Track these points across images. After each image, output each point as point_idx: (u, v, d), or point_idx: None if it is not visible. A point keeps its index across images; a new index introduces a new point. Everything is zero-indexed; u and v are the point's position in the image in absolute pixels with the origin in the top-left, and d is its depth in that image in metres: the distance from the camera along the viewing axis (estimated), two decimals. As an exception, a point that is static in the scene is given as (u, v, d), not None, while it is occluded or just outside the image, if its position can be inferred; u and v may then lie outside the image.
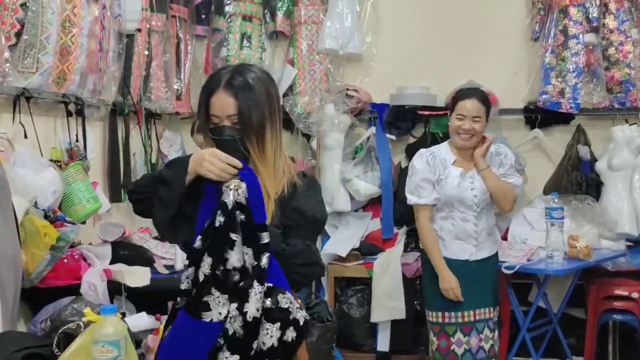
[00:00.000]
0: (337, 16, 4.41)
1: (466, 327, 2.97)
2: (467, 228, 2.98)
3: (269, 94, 1.74)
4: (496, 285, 3.12)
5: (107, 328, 1.46)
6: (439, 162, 2.99)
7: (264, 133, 1.71)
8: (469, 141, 2.97)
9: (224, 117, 1.69)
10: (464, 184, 2.96)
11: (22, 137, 2.93)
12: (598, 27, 4.10)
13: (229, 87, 1.69)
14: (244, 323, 1.56)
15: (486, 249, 3.03)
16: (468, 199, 2.95)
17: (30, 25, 2.85)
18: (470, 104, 2.96)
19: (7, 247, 2.41)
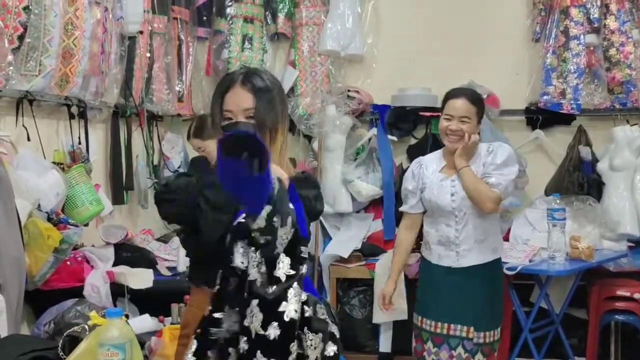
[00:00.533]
0: (338, 17, 4.41)
1: (437, 339, 2.84)
2: (449, 234, 2.81)
3: (282, 98, 1.76)
4: (486, 303, 2.80)
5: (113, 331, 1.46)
6: (423, 171, 2.90)
7: (276, 135, 1.71)
8: (457, 143, 2.79)
9: (240, 111, 1.68)
10: (443, 189, 2.82)
11: (25, 139, 2.94)
12: (599, 27, 4.10)
13: (247, 83, 1.70)
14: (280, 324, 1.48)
15: (472, 257, 2.80)
16: (446, 204, 2.80)
17: (33, 28, 2.86)
18: (458, 103, 2.81)
19: (11, 249, 2.42)
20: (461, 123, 2.78)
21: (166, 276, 3.27)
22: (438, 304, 2.83)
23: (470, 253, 2.80)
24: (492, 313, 2.83)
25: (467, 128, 2.78)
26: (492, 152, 2.81)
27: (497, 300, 2.87)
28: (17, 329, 2.46)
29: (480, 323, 2.79)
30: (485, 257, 2.82)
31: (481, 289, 2.81)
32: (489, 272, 2.83)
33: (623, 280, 3.68)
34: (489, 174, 2.76)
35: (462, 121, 2.78)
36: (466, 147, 2.76)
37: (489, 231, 2.82)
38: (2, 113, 2.86)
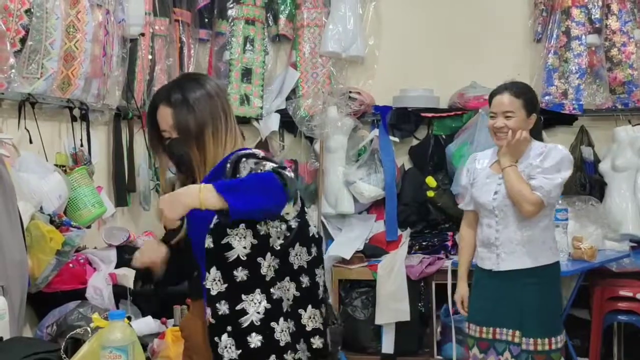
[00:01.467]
0: (340, 19, 4.41)
1: (482, 344, 2.74)
2: (489, 235, 2.71)
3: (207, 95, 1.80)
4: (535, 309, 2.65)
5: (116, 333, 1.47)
6: (475, 166, 2.81)
7: (203, 138, 1.77)
8: (503, 140, 2.66)
9: (170, 128, 1.79)
10: (487, 186, 2.72)
11: (28, 142, 2.93)
12: (600, 28, 4.10)
13: (166, 100, 1.79)
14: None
15: (513, 261, 2.66)
16: (487, 202, 2.70)
17: (35, 31, 2.86)
18: (500, 98, 2.69)
19: (13, 252, 2.42)
20: (506, 119, 2.66)
21: (168, 278, 3.27)
22: (483, 308, 2.75)
23: (511, 257, 2.66)
24: (543, 320, 2.67)
25: (512, 124, 2.64)
26: (543, 154, 2.66)
27: (549, 307, 2.70)
28: (20, 331, 2.46)
29: (528, 328, 2.65)
30: (527, 262, 2.66)
31: (528, 294, 2.65)
32: (538, 279, 2.66)
33: (626, 280, 3.68)
34: (534, 176, 2.62)
35: (506, 117, 2.65)
36: (510, 145, 2.62)
37: (535, 236, 2.66)
38: (5, 116, 2.86)
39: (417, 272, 3.89)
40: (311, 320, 1.78)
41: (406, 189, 4.35)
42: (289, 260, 1.76)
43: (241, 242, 1.68)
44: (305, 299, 1.78)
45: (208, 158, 1.78)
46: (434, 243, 4.11)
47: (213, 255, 1.69)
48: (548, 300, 2.70)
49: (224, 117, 1.80)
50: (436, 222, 4.26)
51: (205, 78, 1.88)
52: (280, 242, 1.73)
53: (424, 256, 3.99)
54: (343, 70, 4.55)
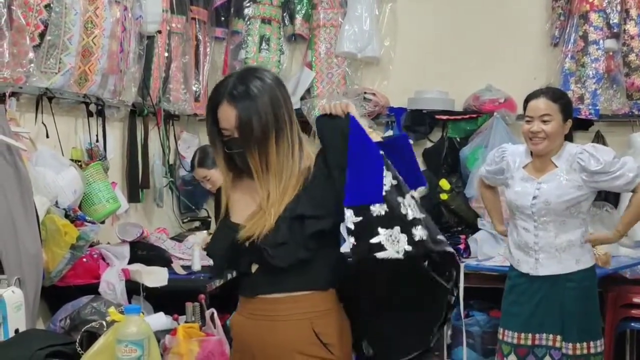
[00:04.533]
0: (356, 20, 4.41)
1: (521, 350, 2.70)
2: (527, 239, 2.69)
3: (274, 99, 1.70)
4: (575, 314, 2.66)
5: (131, 328, 1.47)
6: (508, 163, 2.80)
7: (267, 143, 1.67)
8: (539, 145, 2.66)
9: (232, 128, 1.69)
10: (525, 190, 2.70)
11: (44, 136, 2.96)
12: (619, 33, 4.07)
13: (231, 98, 1.68)
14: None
15: (552, 266, 2.66)
16: (526, 206, 2.68)
17: (54, 26, 2.88)
18: (537, 103, 2.68)
19: (29, 245, 2.44)
20: (542, 123, 2.65)
21: (181, 275, 3.27)
22: (521, 313, 2.70)
23: (550, 262, 2.66)
24: (583, 324, 2.67)
25: (549, 128, 2.64)
26: (592, 155, 2.65)
27: (589, 311, 2.71)
28: (34, 324, 2.48)
29: (568, 333, 2.65)
30: (566, 267, 2.66)
31: (569, 298, 2.65)
32: (577, 283, 2.66)
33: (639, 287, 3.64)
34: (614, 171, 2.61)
35: (543, 121, 2.65)
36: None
37: (574, 241, 2.67)
38: (22, 110, 2.88)
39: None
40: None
41: (420, 191, 4.33)
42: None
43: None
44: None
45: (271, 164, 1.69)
46: (446, 246, 4.09)
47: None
48: (588, 304, 2.69)
49: (289, 123, 1.73)
50: (449, 225, 4.23)
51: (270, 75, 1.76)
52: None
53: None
54: (358, 70, 4.54)
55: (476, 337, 3.84)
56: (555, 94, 2.72)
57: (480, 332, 3.81)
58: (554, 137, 2.66)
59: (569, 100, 2.77)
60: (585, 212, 2.72)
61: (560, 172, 2.66)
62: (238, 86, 1.68)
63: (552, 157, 2.69)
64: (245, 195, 1.77)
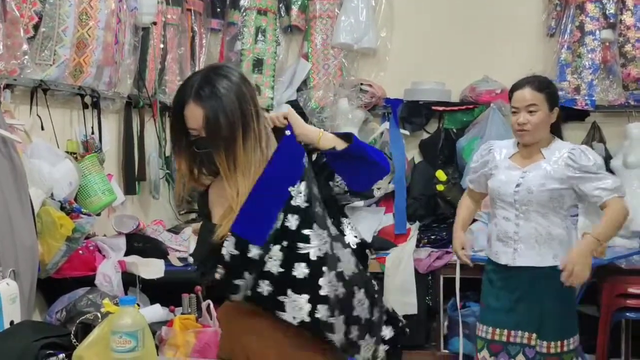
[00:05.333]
0: (352, 10, 4.40)
1: (494, 346, 2.65)
2: (507, 228, 2.63)
3: (240, 96, 1.68)
4: (551, 311, 2.60)
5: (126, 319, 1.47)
6: (494, 155, 2.75)
7: (234, 142, 1.66)
8: (526, 136, 2.61)
9: (199, 127, 1.67)
10: (509, 178, 2.64)
11: (39, 128, 2.95)
12: (615, 23, 4.07)
13: (197, 98, 1.66)
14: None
15: (532, 257, 2.60)
16: (507, 194, 2.62)
17: (48, 17, 2.87)
18: (522, 93, 2.62)
19: (24, 237, 2.44)
20: (529, 114, 2.59)
21: (177, 267, 3.28)
22: (499, 309, 2.65)
23: (529, 252, 2.60)
24: (561, 323, 2.62)
25: (536, 119, 2.59)
26: (584, 153, 2.59)
27: (566, 311, 2.64)
28: (29, 316, 2.48)
29: (544, 332, 2.60)
30: (544, 259, 2.60)
31: (547, 298, 2.60)
32: (557, 281, 2.54)
33: (635, 278, 3.65)
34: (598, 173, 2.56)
35: (529, 111, 2.59)
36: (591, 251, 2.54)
37: (555, 234, 2.60)
38: (17, 102, 2.87)
39: (425, 266, 3.88)
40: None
41: (416, 182, 4.34)
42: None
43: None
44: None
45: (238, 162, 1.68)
46: (442, 237, 4.09)
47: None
48: (566, 303, 2.64)
49: (255, 116, 1.71)
50: (445, 216, 4.24)
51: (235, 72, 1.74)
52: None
53: (432, 250, 3.98)
54: (354, 62, 4.54)
55: (472, 328, 3.85)
56: (541, 83, 2.65)
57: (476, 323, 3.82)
58: (540, 127, 2.61)
59: (554, 89, 2.70)
60: (567, 209, 2.66)
61: (546, 163, 2.61)
62: (204, 85, 1.67)
63: (541, 148, 2.65)
64: (220, 195, 1.77)
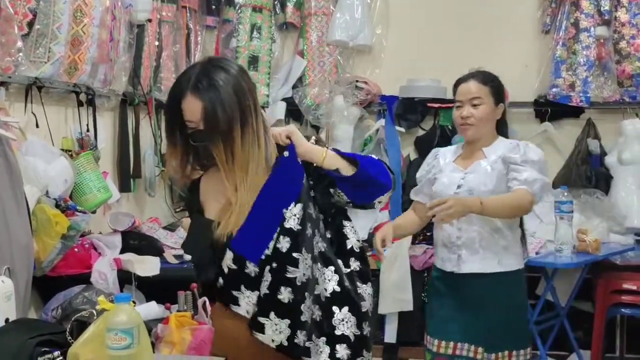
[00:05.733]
0: (347, 7, 4.40)
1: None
2: (450, 232, 2.49)
3: (239, 90, 1.67)
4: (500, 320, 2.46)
5: (121, 316, 1.47)
6: (439, 161, 2.63)
7: (232, 135, 1.65)
8: (469, 130, 2.51)
9: (197, 120, 1.66)
10: (451, 180, 2.52)
11: (34, 126, 2.94)
12: (610, 20, 4.08)
13: (195, 90, 1.65)
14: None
15: (475, 263, 2.46)
16: (448, 195, 2.45)
17: (42, 14, 2.87)
18: (467, 86, 2.53)
19: (19, 235, 2.43)
20: (473, 108, 2.50)
21: (173, 264, 3.28)
22: (443, 319, 2.53)
23: (474, 258, 2.47)
24: (509, 334, 2.48)
25: (480, 113, 2.49)
26: (518, 146, 2.49)
27: (514, 320, 2.51)
28: (25, 314, 2.48)
29: (491, 344, 2.47)
30: (487, 265, 2.47)
31: (492, 303, 2.47)
32: (504, 287, 2.47)
33: (629, 273, 3.66)
34: (520, 165, 2.43)
35: (474, 105, 2.50)
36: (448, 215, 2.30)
37: (499, 238, 2.48)
38: (12, 99, 2.87)
39: (421, 263, 3.88)
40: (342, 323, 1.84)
41: (411, 179, 4.33)
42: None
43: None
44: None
45: (236, 156, 1.67)
46: (438, 234, 4.11)
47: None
48: (516, 311, 2.52)
49: (254, 112, 1.70)
50: (441, 212, 4.25)
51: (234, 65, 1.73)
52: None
53: (427, 247, 3.98)
54: (350, 59, 4.54)
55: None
56: (486, 77, 2.57)
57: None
58: (484, 121, 2.50)
59: (500, 84, 2.59)
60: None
61: (487, 162, 2.50)
62: (202, 78, 1.66)
63: (483, 147, 2.54)
64: (215, 189, 1.77)
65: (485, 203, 2.34)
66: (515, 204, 2.41)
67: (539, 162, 2.47)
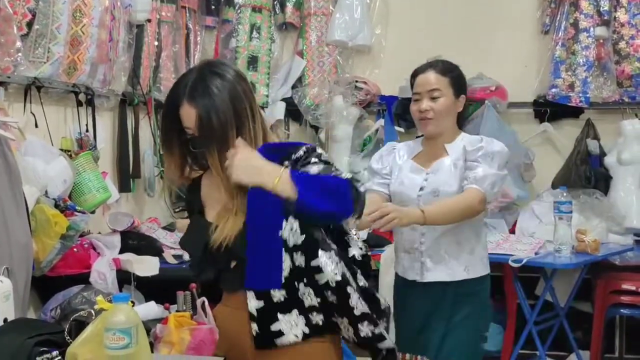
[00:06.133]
0: (347, 8, 4.40)
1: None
2: (413, 238, 2.30)
3: (234, 96, 1.66)
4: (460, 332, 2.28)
5: (119, 316, 1.47)
6: (395, 157, 2.43)
7: (227, 142, 1.65)
8: (429, 125, 2.31)
9: (194, 127, 1.66)
10: (413, 181, 2.33)
11: (33, 126, 2.94)
12: (609, 20, 4.08)
13: (191, 99, 1.65)
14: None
15: (441, 271, 2.28)
16: (412, 199, 2.29)
17: (42, 14, 2.87)
18: (425, 77, 2.34)
19: (19, 235, 2.43)
20: (431, 101, 2.30)
21: (172, 264, 3.28)
22: (407, 329, 2.35)
23: (439, 266, 2.28)
24: (458, 344, 2.28)
25: (439, 106, 2.29)
26: (481, 140, 2.32)
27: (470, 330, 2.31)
28: (24, 314, 2.48)
29: (441, 355, 2.28)
30: (454, 273, 2.29)
31: (452, 311, 2.29)
32: (471, 296, 2.30)
33: (629, 274, 3.67)
34: (476, 162, 2.25)
35: (432, 98, 2.30)
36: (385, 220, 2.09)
37: (462, 244, 2.30)
38: (11, 99, 2.87)
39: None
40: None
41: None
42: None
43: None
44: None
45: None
46: (437, 234, 4.11)
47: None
48: (474, 323, 2.32)
49: (251, 116, 1.69)
50: (440, 213, 4.25)
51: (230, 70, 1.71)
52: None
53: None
54: (349, 59, 4.54)
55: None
56: (445, 67, 2.37)
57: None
58: (444, 115, 2.31)
59: (460, 74, 2.39)
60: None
61: (449, 160, 2.31)
62: (198, 84, 1.66)
63: (445, 144, 2.35)
64: (214, 191, 1.77)
65: (427, 212, 2.16)
66: (463, 206, 2.22)
67: (499, 154, 2.27)
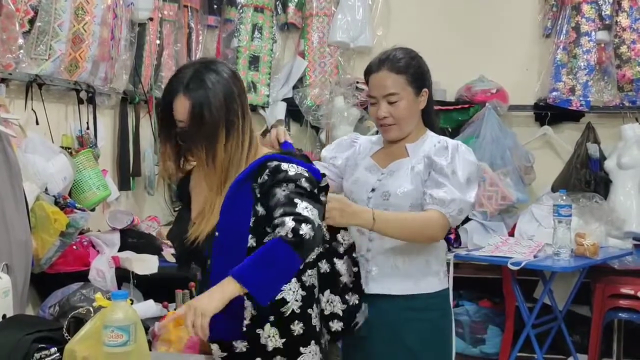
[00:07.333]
0: (349, 9, 4.41)
1: None
2: (361, 243, 2.02)
3: (229, 92, 1.69)
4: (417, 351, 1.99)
5: (118, 313, 1.47)
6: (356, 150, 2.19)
7: (215, 136, 1.67)
8: (390, 132, 2.05)
9: (186, 121, 1.69)
10: (366, 179, 2.08)
11: (34, 123, 2.95)
12: (610, 24, 4.09)
13: (187, 90, 1.68)
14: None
15: (388, 282, 2.00)
16: (362, 199, 2.03)
17: (44, 12, 2.87)
18: (379, 78, 2.03)
19: (18, 232, 2.43)
20: (390, 105, 2.01)
21: (171, 263, 3.28)
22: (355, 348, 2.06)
23: (385, 278, 2.01)
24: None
25: (399, 111, 2.01)
26: (447, 149, 2.02)
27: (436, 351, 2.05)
28: (22, 311, 2.48)
29: None
30: (403, 287, 2.00)
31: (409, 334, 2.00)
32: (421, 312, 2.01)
33: (627, 278, 3.67)
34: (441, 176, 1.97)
35: (389, 102, 2.01)
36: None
37: (413, 255, 2.01)
38: (12, 96, 2.87)
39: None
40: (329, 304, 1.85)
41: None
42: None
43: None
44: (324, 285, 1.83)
45: (217, 158, 1.68)
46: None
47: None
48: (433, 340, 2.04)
49: (242, 117, 1.71)
50: (439, 215, 4.25)
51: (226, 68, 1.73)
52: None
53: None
54: (351, 60, 4.54)
55: (465, 327, 3.87)
56: (400, 63, 2.02)
57: (469, 322, 3.85)
58: (406, 119, 2.03)
59: (419, 66, 2.06)
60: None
61: (409, 162, 2.04)
62: (194, 78, 1.68)
63: (407, 144, 2.08)
64: (199, 186, 1.80)
65: (378, 217, 1.89)
66: (419, 225, 1.95)
67: (469, 172, 1.99)
